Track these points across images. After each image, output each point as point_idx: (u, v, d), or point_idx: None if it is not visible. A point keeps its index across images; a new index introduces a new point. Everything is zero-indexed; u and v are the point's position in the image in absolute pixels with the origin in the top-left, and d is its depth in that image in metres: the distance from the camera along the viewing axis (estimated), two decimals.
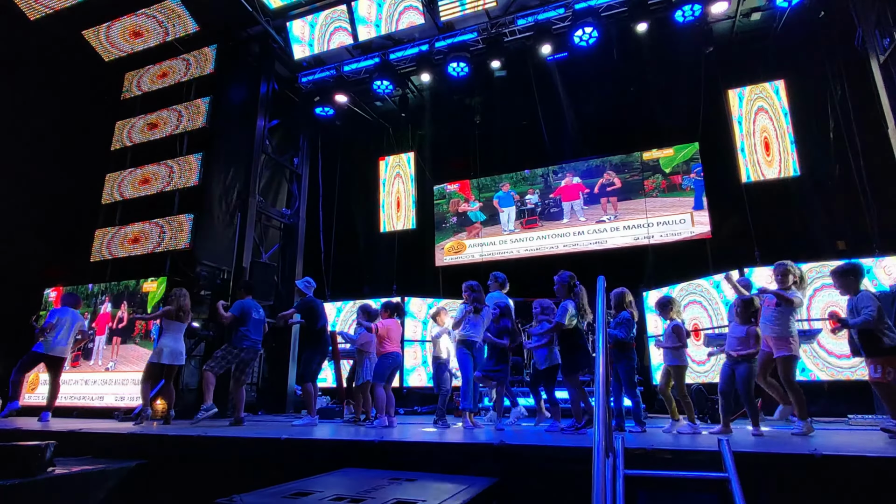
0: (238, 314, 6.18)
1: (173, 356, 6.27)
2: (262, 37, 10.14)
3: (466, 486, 3.07)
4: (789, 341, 4.45)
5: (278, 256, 10.84)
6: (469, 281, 5.85)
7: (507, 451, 3.46)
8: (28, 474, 3.47)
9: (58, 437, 4.11)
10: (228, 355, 6.13)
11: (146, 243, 9.16)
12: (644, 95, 10.12)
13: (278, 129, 11.14)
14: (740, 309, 4.79)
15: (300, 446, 4.00)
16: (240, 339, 6.17)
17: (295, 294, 8.92)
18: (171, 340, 6.27)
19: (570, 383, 5.08)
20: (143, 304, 8.53)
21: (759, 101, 9.18)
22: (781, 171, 8.86)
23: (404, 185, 12.01)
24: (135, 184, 9.78)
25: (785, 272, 4.65)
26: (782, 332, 4.48)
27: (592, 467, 2.29)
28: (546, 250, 10.55)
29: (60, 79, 10.29)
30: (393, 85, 10.21)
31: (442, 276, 11.44)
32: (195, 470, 4.14)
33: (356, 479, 3.21)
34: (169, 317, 6.30)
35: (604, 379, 2.76)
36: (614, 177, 10.41)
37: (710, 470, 2.93)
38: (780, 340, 4.48)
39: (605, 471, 2.30)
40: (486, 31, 9.38)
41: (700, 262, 9.25)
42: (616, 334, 5.14)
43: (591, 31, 8.57)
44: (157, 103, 10.23)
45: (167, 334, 6.29)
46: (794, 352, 4.45)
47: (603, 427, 2.51)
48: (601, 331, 3.00)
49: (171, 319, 6.32)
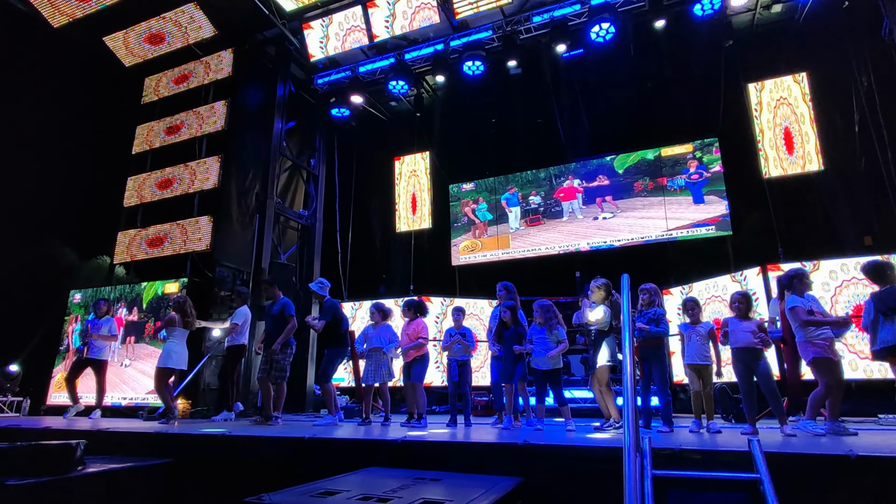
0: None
1: (181, 360, 6.42)
2: (278, 39, 10.23)
3: (491, 485, 3.06)
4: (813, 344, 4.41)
5: (296, 257, 10.93)
6: (504, 281, 5.88)
7: (531, 450, 3.44)
8: (59, 472, 3.53)
9: (87, 436, 4.19)
10: (291, 359, 6.20)
11: (167, 245, 9.29)
12: (661, 91, 10.00)
13: (295, 130, 11.23)
14: (742, 304, 4.71)
15: (323, 446, 4.02)
16: (292, 340, 6.25)
17: (313, 297, 8.96)
18: (178, 346, 6.40)
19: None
20: (155, 311, 8.73)
21: (781, 95, 9.00)
22: (804, 166, 8.68)
23: (419, 184, 12.03)
24: (156, 186, 9.93)
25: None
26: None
27: (623, 467, 2.26)
28: (560, 249, 10.55)
29: (83, 84, 10.47)
30: (408, 85, 10.22)
31: (458, 275, 11.45)
32: (220, 469, 4.18)
33: (381, 479, 3.21)
34: (172, 324, 6.43)
35: (632, 377, 2.73)
36: (617, 178, 10.52)
37: (740, 470, 2.87)
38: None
39: (635, 471, 2.28)
40: (502, 29, 9.35)
41: (720, 260, 9.12)
42: (658, 331, 4.99)
43: (608, 27, 8.49)
44: (177, 107, 10.37)
45: (175, 339, 6.41)
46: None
47: (633, 427, 2.48)
48: (627, 329, 2.97)
49: (177, 326, 6.45)
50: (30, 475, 3.37)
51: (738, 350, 4.61)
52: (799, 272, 4.68)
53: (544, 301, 5.51)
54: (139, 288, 9.05)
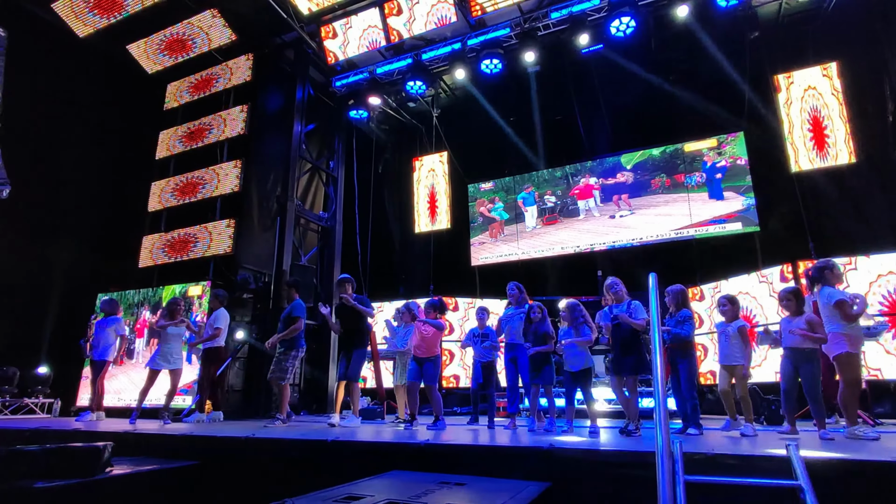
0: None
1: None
2: (296, 43, 10.30)
3: (517, 491, 2.99)
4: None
5: (317, 259, 10.98)
6: (515, 281, 5.79)
7: (558, 454, 3.36)
8: (87, 474, 3.57)
9: (113, 438, 4.23)
10: (297, 361, 6.24)
11: (190, 249, 9.41)
12: (683, 85, 9.78)
13: (314, 133, 11.29)
14: (790, 301, 4.54)
15: (347, 448, 4.00)
16: (300, 342, 6.28)
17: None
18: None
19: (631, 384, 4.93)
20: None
21: (809, 86, 8.72)
22: (835, 159, 8.39)
23: (438, 185, 12.00)
24: (178, 191, 10.08)
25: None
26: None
27: (657, 474, 2.18)
28: (580, 248, 10.41)
29: (108, 92, 10.69)
30: (426, 85, 10.19)
31: (478, 276, 11.38)
32: (245, 470, 4.20)
33: (405, 483, 3.17)
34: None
35: (662, 379, 2.64)
36: (634, 175, 10.35)
37: (778, 477, 2.75)
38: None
39: (671, 478, 2.19)
40: (519, 26, 9.25)
41: (748, 257, 8.88)
42: (680, 332, 4.86)
43: (629, 21, 8.32)
44: (198, 112, 10.51)
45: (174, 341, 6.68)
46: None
47: (665, 430, 2.39)
48: (656, 329, 2.87)
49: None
50: (58, 477, 3.42)
51: (785, 349, 4.49)
52: (829, 263, 4.49)
53: (571, 301, 5.44)
54: (162, 291, 9.19)
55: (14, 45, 8.78)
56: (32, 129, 9.45)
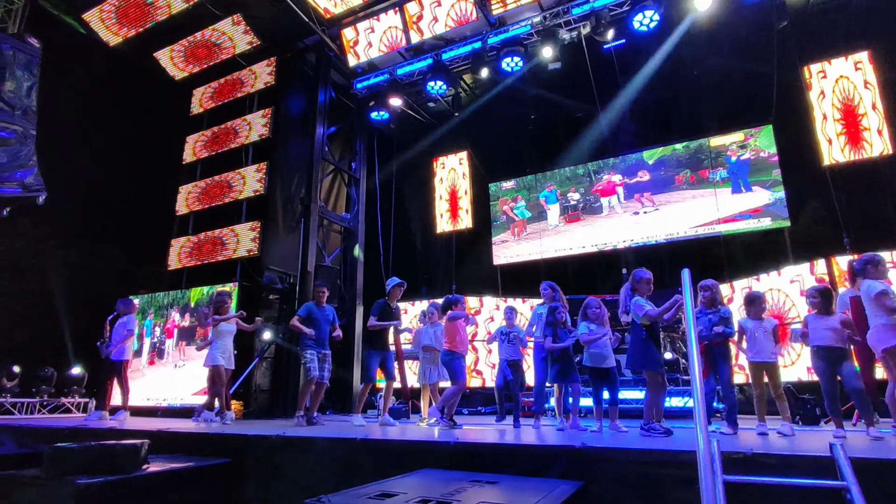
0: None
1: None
2: (318, 46, 10.41)
3: (550, 490, 2.96)
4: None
5: (340, 259, 11.08)
6: (548, 281, 5.78)
7: (589, 453, 3.32)
8: (125, 472, 3.66)
9: (149, 436, 4.33)
10: (313, 360, 6.35)
11: (218, 251, 9.59)
12: (709, 79, 9.59)
13: (336, 134, 11.40)
14: (818, 300, 4.42)
15: (376, 447, 4.01)
16: (303, 341, 6.43)
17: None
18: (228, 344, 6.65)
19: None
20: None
21: (841, 76, 8.47)
22: (870, 150, 8.14)
23: (459, 184, 12.00)
24: (205, 195, 10.27)
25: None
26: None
27: (700, 474, 2.13)
28: (604, 246, 10.30)
29: (137, 99, 10.96)
30: (446, 84, 10.18)
31: (500, 275, 11.34)
32: (276, 468, 4.25)
33: (436, 481, 3.17)
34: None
35: (701, 378, 2.58)
36: (657, 171, 10.22)
37: (822, 477, 2.67)
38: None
39: (711, 477, 2.14)
40: (541, 23, 9.18)
41: (778, 252, 8.67)
42: (726, 331, 4.74)
43: (652, 15, 8.19)
44: (223, 117, 10.71)
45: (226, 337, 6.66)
46: None
47: (705, 430, 2.34)
48: (693, 327, 2.82)
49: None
50: (99, 474, 3.51)
51: (818, 349, 4.35)
52: (874, 258, 4.35)
53: (591, 298, 5.41)
54: (190, 293, 9.38)
55: (47, 56, 9.09)
56: (66, 138, 9.74)
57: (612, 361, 5.28)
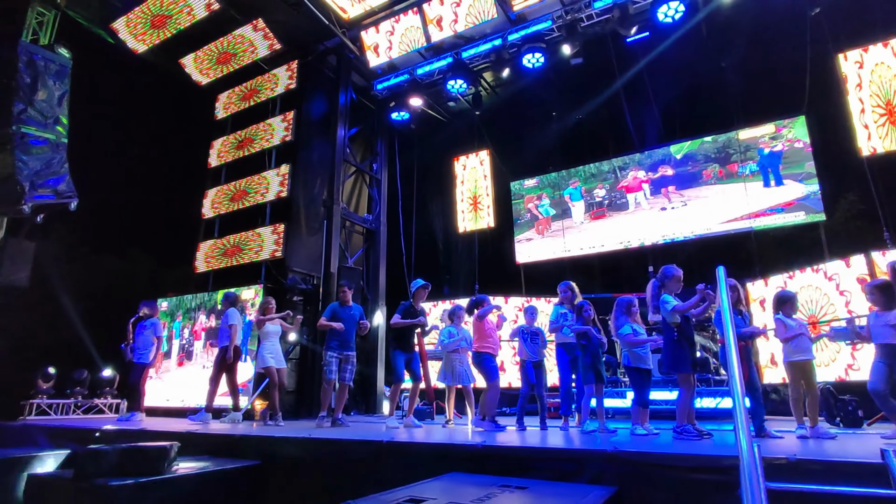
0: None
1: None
2: (338, 49, 10.44)
3: (583, 496, 2.88)
4: None
5: (362, 260, 11.11)
6: (566, 280, 5.66)
7: (623, 458, 3.22)
8: (156, 472, 3.71)
9: (178, 438, 4.38)
10: (332, 361, 6.36)
11: (243, 254, 9.70)
12: (737, 71, 9.31)
13: (357, 136, 11.43)
14: (876, 295, 4.20)
15: (403, 449, 3.98)
16: (328, 341, 6.48)
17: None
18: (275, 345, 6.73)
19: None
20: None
21: (880, 62, 8.11)
22: None
23: (480, 183, 11.91)
24: (230, 198, 10.41)
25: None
26: None
27: (742, 481, 2.03)
28: (630, 244, 10.10)
29: (163, 105, 11.19)
30: (466, 83, 10.10)
31: (524, 274, 11.22)
32: (304, 470, 4.25)
33: (465, 486, 3.11)
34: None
35: (741, 379, 2.47)
36: (684, 167, 9.95)
37: (873, 485, 2.52)
38: None
39: (756, 485, 2.03)
40: (561, 19, 9.03)
41: (813, 248, 8.36)
42: (760, 331, 4.62)
43: (677, 6, 7.97)
44: (247, 121, 10.83)
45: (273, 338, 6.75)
46: None
47: (747, 434, 2.23)
48: (730, 326, 2.70)
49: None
50: (130, 475, 3.55)
51: (880, 346, 4.14)
52: None
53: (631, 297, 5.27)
54: (216, 295, 9.51)
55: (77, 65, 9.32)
56: (96, 145, 9.99)
57: (637, 362, 5.12)
